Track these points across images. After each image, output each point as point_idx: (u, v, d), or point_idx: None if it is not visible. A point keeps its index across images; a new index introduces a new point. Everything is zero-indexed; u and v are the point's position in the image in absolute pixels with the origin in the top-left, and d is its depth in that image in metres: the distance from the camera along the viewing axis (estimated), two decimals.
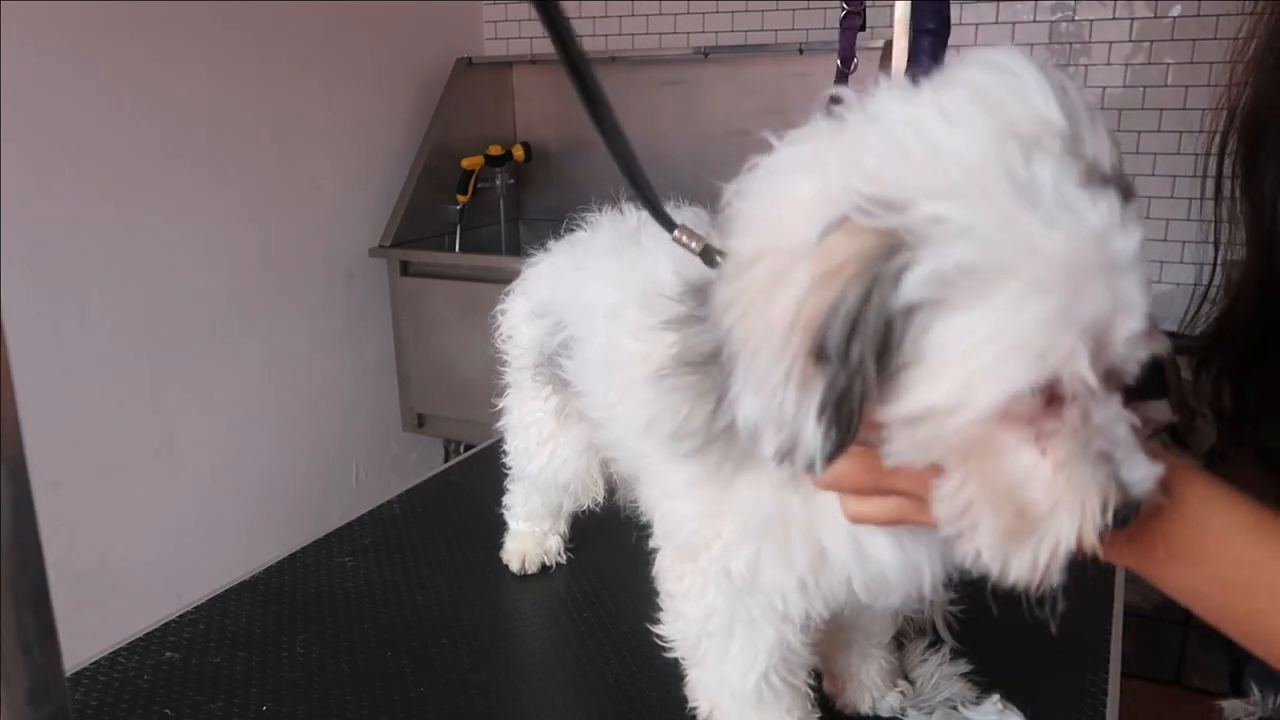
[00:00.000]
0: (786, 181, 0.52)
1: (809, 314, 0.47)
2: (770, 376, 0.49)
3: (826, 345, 0.47)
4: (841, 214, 0.47)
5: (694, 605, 0.74)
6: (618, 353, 0.77)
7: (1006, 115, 0.47)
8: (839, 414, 0.48)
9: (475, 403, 2.52)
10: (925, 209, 0.46)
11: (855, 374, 0.47)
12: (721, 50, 2.71)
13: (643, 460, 0.77)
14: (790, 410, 0.49)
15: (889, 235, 0.46)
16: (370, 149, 2.70)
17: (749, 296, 0.50)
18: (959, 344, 0.47)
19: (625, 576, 1.10)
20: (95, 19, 1.95)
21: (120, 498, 2.10)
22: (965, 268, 0.45)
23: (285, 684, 0.92)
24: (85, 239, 1.98)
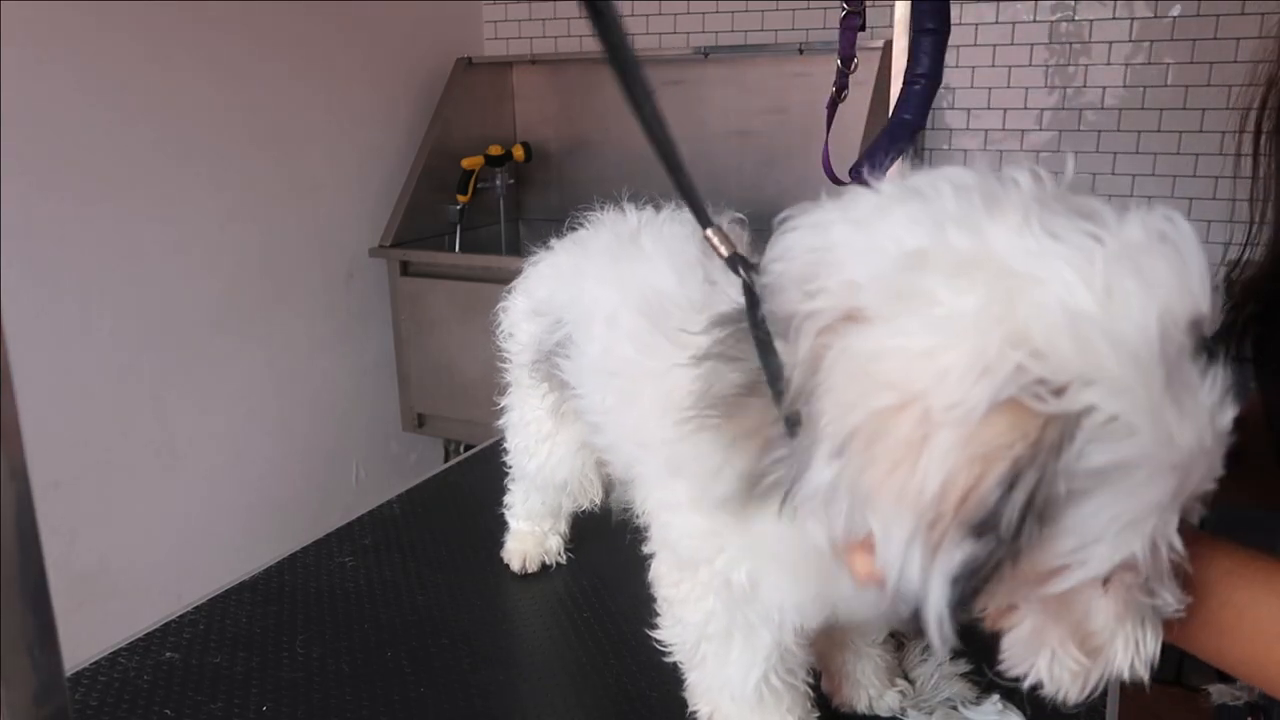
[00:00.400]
0: (930, 331, 0.47)
1: (966, 490, 0.46)
2: (898, 530, 0.47)
3: (980, 523, 0.46)
4: (1009, 394, 0.45)
5: (692, 611, 0.74)
6: (616, 359, 0.77)
7: (1166, 297, 0.47)
8: (971, 580, 0.47)
9: (475, 403, 2.52)
10: (1089, 397, 0.45)
11: (1001, 549, 0.47)
12: (721, 50, 2.71)
13: (641, 468, 0.77)
14: (914, 569, 0.48)
15: (1055, 422, 0.45)
16: (370, 149, 2.70)
17: (889, 449, 0.47)
18: (1089, 520, 0.48)
19: (625, 577, 1.10)
20: (95, 19, 1.96)
21: (120, 498, 2.10)
22: (1119, 462, 0.46)
23: (285, 684, 0.92)
24: (85, 239, 1.98)
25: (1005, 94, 2.51)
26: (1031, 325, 0.46)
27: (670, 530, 0.73)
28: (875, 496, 0.48)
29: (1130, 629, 0.54)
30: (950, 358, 0.46)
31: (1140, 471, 0.47)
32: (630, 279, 0.80)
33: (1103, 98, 2.41)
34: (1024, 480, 0.45)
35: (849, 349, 0.50)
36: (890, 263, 0.50)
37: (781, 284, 0.56)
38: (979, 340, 0.46)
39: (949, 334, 0.47)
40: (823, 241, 0.54)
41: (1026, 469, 0.45)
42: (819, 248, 0.54)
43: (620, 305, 0.78)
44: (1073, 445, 0.45)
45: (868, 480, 0.48)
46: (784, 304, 0.55)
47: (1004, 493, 0.45)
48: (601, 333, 0.81)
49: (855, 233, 0.53)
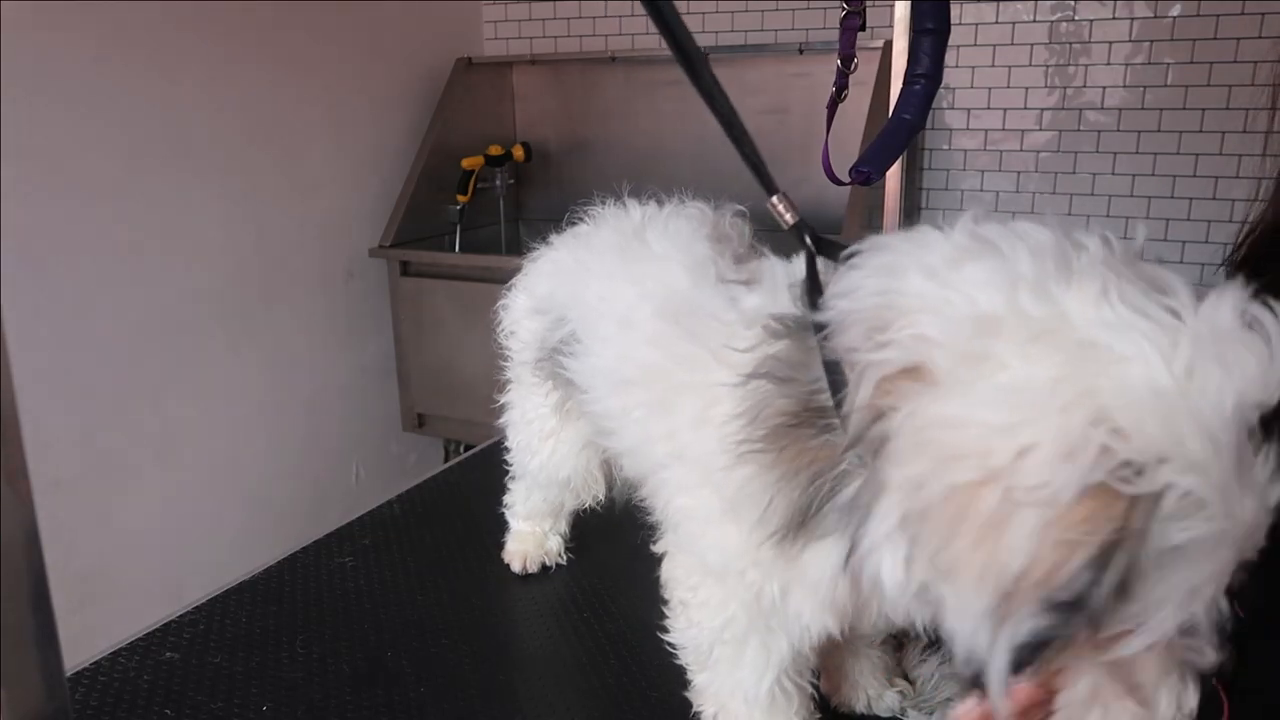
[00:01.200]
0: (1007, 403, 0.47)
1: (1050, 571, 0.46)
2: (976, 604, 0.48)
3: (1057, 601, 0.46)
4: (1098, 478, 0.45)
5: (710, 615, 0.73)
6: (636, 366, 0.76)
7: (1243, 382, 0.47)
8: (1042, 650, 0.48)
9: (475, 403, 2.52)
10: (1168, 476, 0.45)
11: (1081, 623, 0.47)
12: (721, 50, 2.71)
13: (667, 474, 0.75)
14: (984, 639, 0.48)
15: (1140, 502, 0.45)
16: (370, 149, 2.70)
17: (972, 526, 0.47)
18: (1159, 589, 0.48)
19: (625, 576, 1.10)
20: (94, 18, 1.95)
21: (120, 498, 2.10)
22: (1193, 538, 0.46)
23: (285, 684, 0.92)
24: (85, 239, 1.98)
25: (1005, 94, 2.51)
26: (1114, 403, 0.45)
27: (699, 540, 0.72)
28: (956, 572, 0.48)
29: (1174, 682, 0.54)
30: (1031, 434, 0.46)
31: (1209, 544, 0.47)
32: (642, 278, 0.79)
33: (1103, 98, 2.41)
34: (1115, 563, 0.45)
35: (920, 412, 0.49)
36: (965, 323, 0.50)
37: (847, 323, 0.55)
38: (1062, 419, 0.45)
39: (1028, 407, 0.46)
40: (894, 287, 0.53)
41: (1115, 552, 0.45)
42: (890, 292, 0.54)
43: (635, 307, 0.77)
44: (1155, 524, 0.46)
45: (948, 556, 0.48)
46: (847, 342, 0.55)
47: (1093, 574, 0.45)
48: (615, 335, 0.80)
49: (928, 283, 0.52)
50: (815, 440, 0.58)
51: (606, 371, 0.82)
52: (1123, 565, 0.45)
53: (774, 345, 0.63)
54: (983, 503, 0.47)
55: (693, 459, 0.70)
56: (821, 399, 0.58)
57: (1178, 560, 0.47)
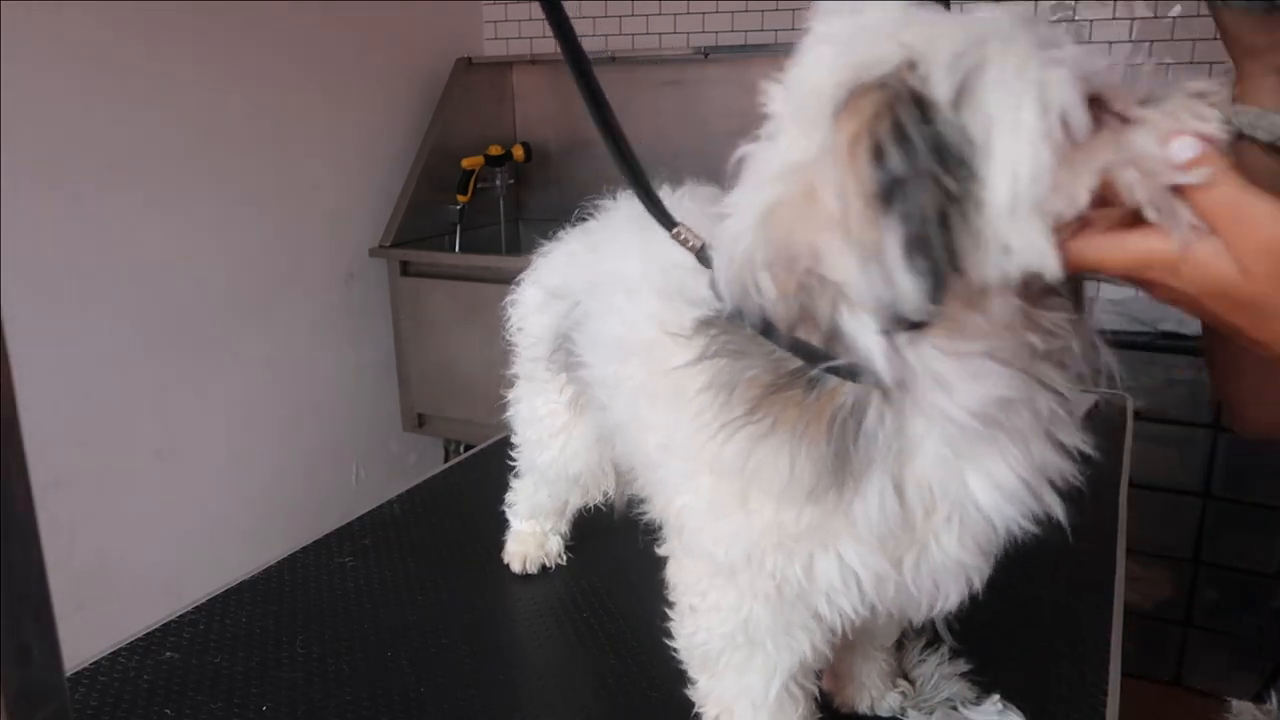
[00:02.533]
0: (776, 151, 0.55)
1: (857, 176, 0.49)
2: (851, 264, 0.50)
3: (884, 186, 0.48)
4: (843, 94, 0.50)
5: (722, 619, 0.71)
6: (634, 340, 0.75)
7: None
8: (923, 244, 0.48)
9: (475, 403, 2.52)
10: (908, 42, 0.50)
11: (923, 190, 0.48)
12: (721, 50, 2.71)
13: (662, 471, 0.73)
14: (881, 279, 0.49)
15: (894, 71, 0.49)
16: (370, 149, 2.70)
17: (791, 216, 0.53)
18: (995, 99, 0.49)
19: (625, 576, 1.10)
20: (95, 18, 1.95)
21: (120, 498, 2.10)
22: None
23: (285, 684, 0.92)
24: (85, 239, 1.98)
25: None
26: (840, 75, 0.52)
27: (703, 536, 0.69)
28: (816, 250, 0.52)
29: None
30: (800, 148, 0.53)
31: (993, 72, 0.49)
32: (652, 252, 0.79)
33: None
34: (882, 127, 0.49)
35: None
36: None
37: (727, 278, 0.60)
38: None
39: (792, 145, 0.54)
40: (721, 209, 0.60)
41: (881, 118, 0.49)
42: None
43: (642, 279, 0.77)
44: (921, 66, 0.49)
45: (799, 240, 0.53)
46: (739, 292, 0.59)
47: (876, 150, 0.48)
48: (623, 305, 0.79)
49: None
50: (810, 395, 0.59)
51: (609, 338, 0.81)
52: (902, 115, 0.48)
53: (711, 332, 0.64)
54: (790, 195, 0.54)
55: (682, 447, 0.68)
56: (791, 364, 0.59)
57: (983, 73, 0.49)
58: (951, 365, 0.55)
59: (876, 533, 0.61)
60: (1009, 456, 0.59)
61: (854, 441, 0.58)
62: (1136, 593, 2.34)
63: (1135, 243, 0.50)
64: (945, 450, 0.58)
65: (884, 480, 0.59)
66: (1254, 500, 2.22)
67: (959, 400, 0.55)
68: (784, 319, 0.57)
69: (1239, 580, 2.28)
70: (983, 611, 0.88)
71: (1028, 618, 1.00)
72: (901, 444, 0.58)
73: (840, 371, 0.57)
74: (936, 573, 0.64)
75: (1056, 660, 0.93)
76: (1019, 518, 0.61)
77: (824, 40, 0.55)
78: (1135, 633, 2.35)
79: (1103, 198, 0.50)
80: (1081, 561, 1.10)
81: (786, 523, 0.63)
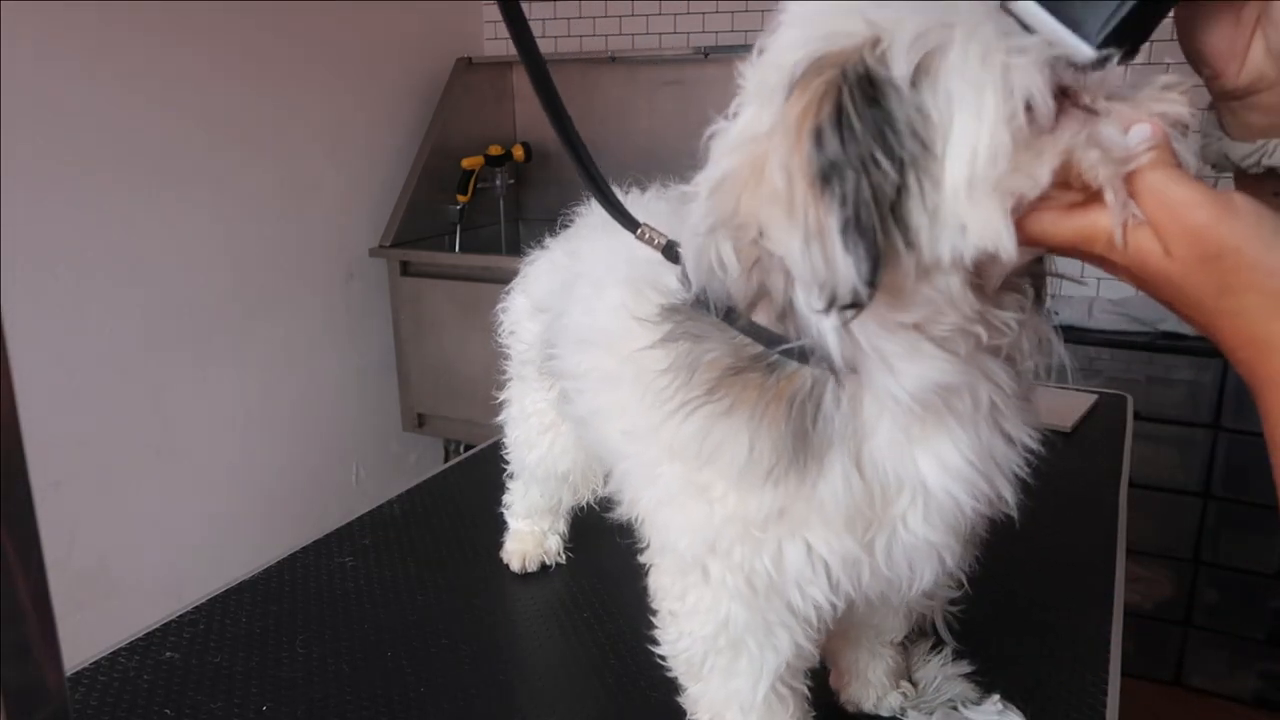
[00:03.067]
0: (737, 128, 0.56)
1: (801, 155, 0.49)
2: (795, 242, 0.50)
3: (823, 168, 0.49)
4: (798, 71, 0.51)
5: (702, 622, 0.71)
6: (596, 330, 0.76)
7: None
8: (861, 227, 0.49)
9: (475, 403, 2.52)
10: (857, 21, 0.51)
11: (861, 175, 0.49)
12: (721, 50, 2.71)
13: (627, 463, 0.74)
14: (822, 258, 0.50)
15: (853, 49, 0.50)
16: (370, 149, 2.70)
17: (739, 187, 0.54)
18: (958, 81, 0.49)
19: (625, 576, 1.10)
20: (95, 18, 1.95)
21: (120, 498, 2.10)
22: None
23: (285, 684, 0.92)
24: (85, 239, 1.98)
25: None
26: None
27: (670, 530, 0.70)
28: (762, 224, 0.52)
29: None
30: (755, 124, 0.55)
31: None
32: (617, 247, 0.79)
33: None
34: (826, 107, 0.49)
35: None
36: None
37: (693, 258, 0.60)
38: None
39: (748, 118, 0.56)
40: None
41: (825, 117, 0.49)
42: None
43: (607, 272, 0.78)
44: (872, 47, 0.50)
45: (746, 212, 0.53)
46: (704, 271, 0.59)
47: (818, 130, 0.49)
48: (588, 296, 0.80)
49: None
50: (770, 378, 0.60)
51: (574, 329, 0.82)
52: (846, 98, 0.49)
53: (675, 317, 0.65)
54: (740, 169, 0.54)
55: (643, 431, 0.69)
56: (752, 348, 0.60)
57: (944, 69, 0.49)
58: (894, 346, 0.55)
59: (843, 514, 0.62)
60: (956, 440, 0.60)
61: (812, 423, 0.59)
62: (1136, 593, 2.34)
63: (1079, 219, 0.51)
64: (897, 433, 0.60)
65: (845, 460, 0.60)
66: (1254, 500, 2.22)
67: (901, 382, 0.56)
68: (744, 298, 0.58)
69: (1239, 580, 2.28)
70: (983, 612, 0.88)
71: (1028, 618, 1.00)
72: (857, 425, 0.60)
73: (796, 354, 0.58)
74: (909, 553, 0.65)
75: (1057, 660, 0.93)
76: (968, 499, 0.62)
77: (794, 16, 0.56)
78: (1135, 633, 2.36)
79: (1058, 181, 0.51)
80: (1081, 562, 1.10)
81: (750, 511, 0.64)
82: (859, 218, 0.49)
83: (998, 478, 0.63)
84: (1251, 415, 1.67)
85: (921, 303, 0.54)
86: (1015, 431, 0.63)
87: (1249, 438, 2.17)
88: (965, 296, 0.54)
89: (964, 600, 0.88)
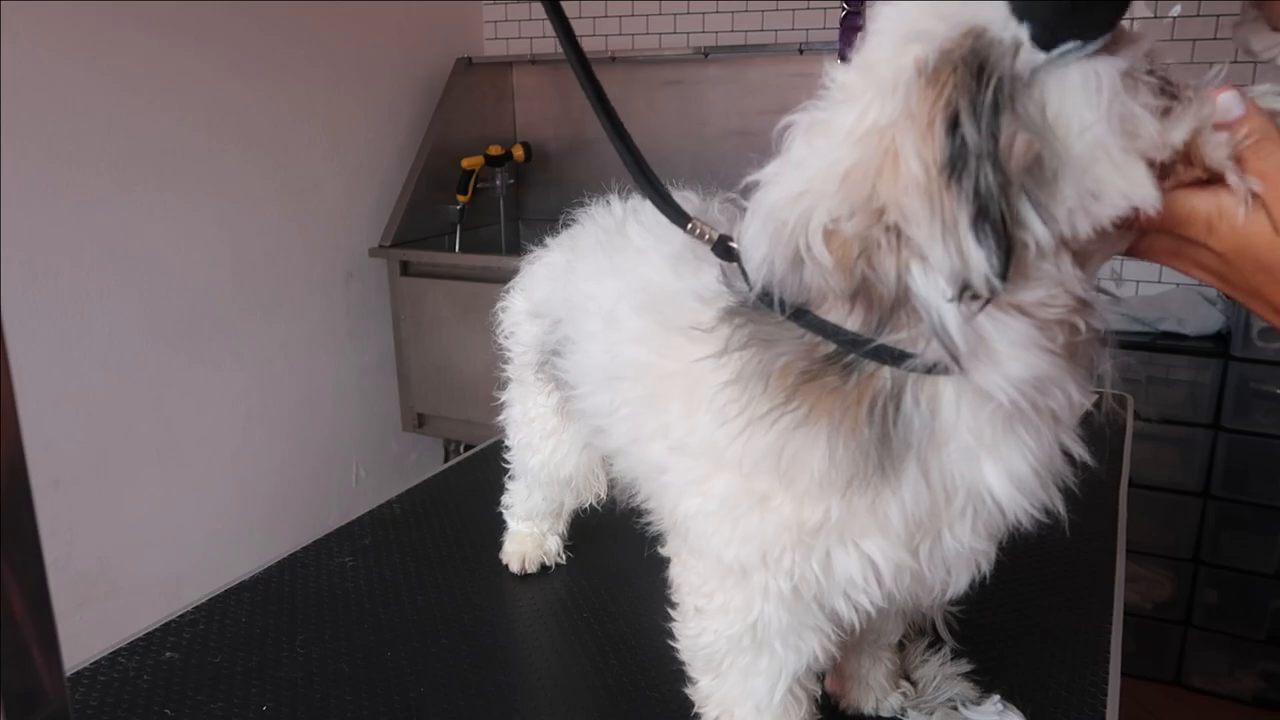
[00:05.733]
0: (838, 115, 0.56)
1: (933, 145, 0.50)
2: (934, 229, 0.51)
3: (952, 160, 0.50)
4: (926, 61, 0.51)
5: (730, 622, 0.70)
6: (623, 363, 0.75)
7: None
8: (990, 219, 0.50)
9: (475, 403, 2.52)
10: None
11: (988, 164, 0.50)
12: (721, 50, 2.71)
13: (669, 475, 0.71)
14: (955, 248, 0.51)
15: (963, 45, 0.51)
16: (370, 149, 2.70)
17: (873, 175, 0.53)
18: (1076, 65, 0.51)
19: (624, 576, 1.10)
20: (94, 18, 1.95)
21: (120, 498, 2.10)
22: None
23: (285, 684, 0.92)
24: (87, 238, 1.98)
25: None
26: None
27: (715, 539, 0.68)
28: (902, 209, 0.52)
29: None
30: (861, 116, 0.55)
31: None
32: (625, 273, 0.79)
33: None
34: (954, 113, 0.50)
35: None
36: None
37: (768, 250, 0.59)
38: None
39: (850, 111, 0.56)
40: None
41: (957, 107, 0.50)
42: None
43: (618, 302, 0.77)
44: (995, 38, 0.51)
45: (884, 198, 0.53)
46: (781, 263, 0.58)
47: (950, 134, 0.50)
48: (601, 331, 0.79)
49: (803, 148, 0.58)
50: (848, 381, 0.58)
51: (594, 368, 0.81)
52: (980, 86, 0.50)
53: (740, 317, 0.63)
54: (869, 155, 0.54)
55: (696, 449, 0.68)
56: (825, 349, 0.59)
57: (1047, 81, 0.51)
58: (1004, 334, 0.56)
59: (906, 523, 0.61)
60: (1025, 449, 0.60)
61: (893, 426, 0.58)
62: (1136, 593, 2.34)
63: (1185, 200, 0.54)
64: (970, 438, 0.59)
65: (918, 468, 0.60)
66: (1254, 500, 2.22)
67: (1006, 371, 0.56)
68: (832, 290, 0.57)
69: (1239, 580, 2.28)
70: (983, 612, 0.89)
71: (1028, 618, 1.00)
72: (935, 428, 0.59)
73: (879, 355, 0.57)
74: (949, 560, 0.65)
75: (1057, 660, 0.93)
76: (1030, 508, 0.62)
77: (895, 13, 0.55)
78: (1135, 633, 2.36)
79: (1178, 158, 0.53)
80: (1081, 562, 1.10)
81: (807, 519, 0.63)
82: (987, 209, 0.50)
83: (1051, 488, 0.63)
84: (1251, 415, 1.67)
85: (1040, 283, 0.55)
86: (1070, 443, 0.63)
87: (1249, 438, 2.17)
88: (1076, 274, 0.55)
89: (964, 600, 0.88)
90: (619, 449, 0.81)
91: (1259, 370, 2.13)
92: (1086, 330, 0.57)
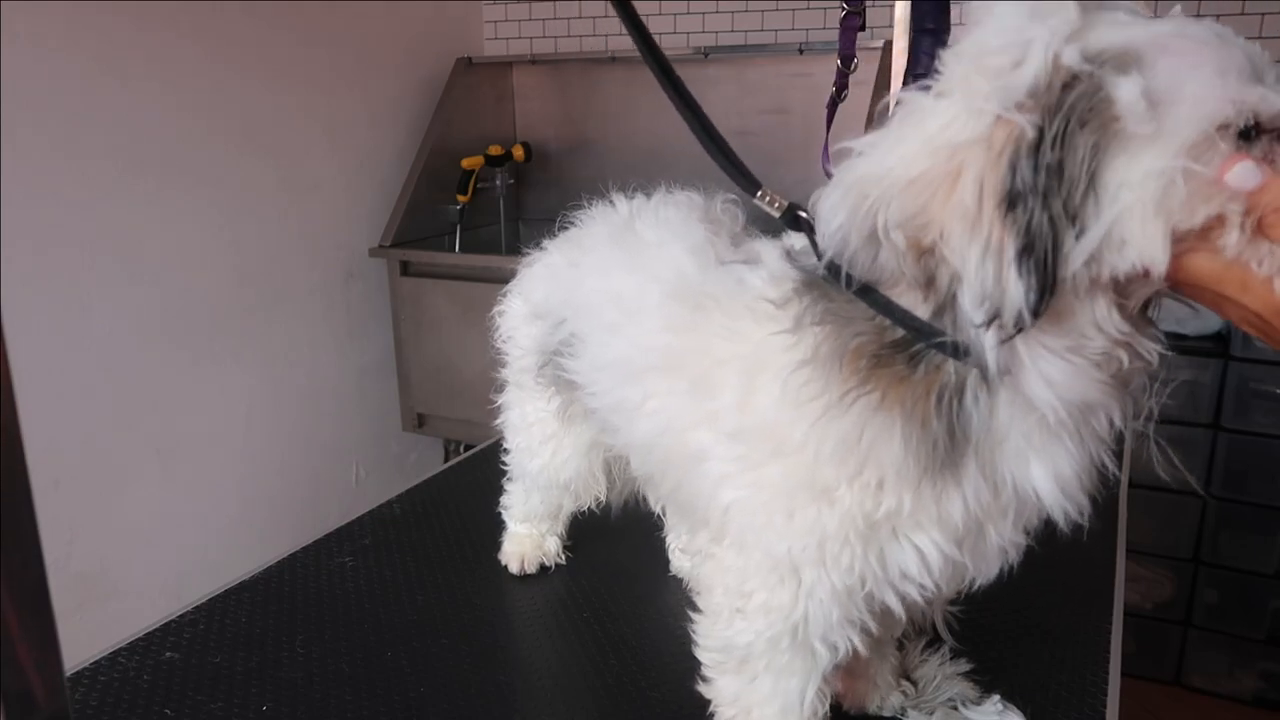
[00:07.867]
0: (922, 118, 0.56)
1: (997, 176, 0.52)
2: (972, 256, 0.52)
3: (1012, 194, 0.51)
4: (1008, 94, 0.52)
5: (771, 621, 0.68)
6: (652, 354, 0.74)
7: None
8: (1035, 257, 0.51)
9: (475, 403, 2.52)
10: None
11: (1042, 206, 0.51)
12: (721, 50, 2.71)
13: (707, 466, 0.69)
14: (994, 277, 0.52)
15: (1052, 85, 0.52)
16: (370, 149, 2.70)
17: (930, 191, 0.54)
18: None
19: (624, 576, 1.10)
20: (94, 18, 1.95)
21: (120, 498, 2.10)
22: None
23: (285, 684, 0.92)
24: (87, 238, 1.98)
25: None
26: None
27: (768, 532, 0.66)
28: (945, 231, 0.54)
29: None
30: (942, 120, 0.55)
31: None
32: (642, 266, 0.78)
33: None
34: (1025, 151, 0.52)
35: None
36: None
37: (845, 220, 0.59)
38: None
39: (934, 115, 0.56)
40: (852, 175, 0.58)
41: (1024, 144, 0.52)
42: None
43: (641, 293, 0.76)
44: (1084, 79, 0.52)
45: (932, 215, 0.54)
46: (857, 238, 0.58)
47: (1017, 152, 0.51)
48: (624, 323, 0.78)
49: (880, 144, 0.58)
50: (916, 371, 0.59)
51: (615, 363, 0.79)
52: (1033, 147, 0.51)
53: (810, 296, 0.63)
54: (935, 173, 0.55)
55: (752, 434, 0.65)
56: (893, 334, 0.59)
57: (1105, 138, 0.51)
58: (1055, 360, 0.56)
59: (963, 518, 0.62)
60: (1070, 453, 0.61)
61: (958, 421, 0.59)
62: (1136, 593, 2.34)
63: (1215, 260, 0.55)
64: (1022, 440, 0.60)
65: (976, 465, 0.60)
66: (1254, 500, 2.22)
67: (1057, 392, 0.57)
68: (905, 276, 0.57)
69: (1239, 580, 2.28)
70: (983, 612, 0.88)
71: (1028, 618, 1.00)
72: (993, 426, 0.59)
73: (947, 348, 0.57)
74: (989, 552, 0.66)
75: (1057, 660, 0.93)
76: (1069, 507, 0.63)
77: (1000, 14, 0.55)
78: (1135, 633, 2.36)
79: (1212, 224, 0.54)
80: (1081, 562, 1.10)
81: (872, 511, 0.62)
82: (1033, 247, 0.51)
83: (1084, 495, 0.64)
84: (1251, 415, 1.68)
85: (1075, 325, 0.56)
86: (1107, 459, 0.64)
87: (1249, 438, 2.18)
88: (1111, 318, 0.56)
89: (964, 600, 0.88)
90: (643, 444, 0.79)
91: (1259, 370, 2.13)
92: (1131, 361, 0.58)
